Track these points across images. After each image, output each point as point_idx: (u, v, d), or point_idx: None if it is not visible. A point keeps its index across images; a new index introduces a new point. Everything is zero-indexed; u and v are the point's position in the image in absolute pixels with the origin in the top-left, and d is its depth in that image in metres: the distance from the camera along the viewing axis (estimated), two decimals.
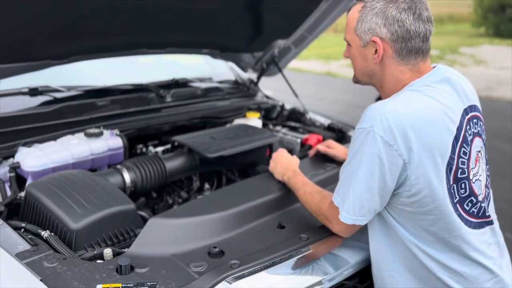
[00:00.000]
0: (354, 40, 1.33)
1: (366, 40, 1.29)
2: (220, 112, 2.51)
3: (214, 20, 2.24)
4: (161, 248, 1.32)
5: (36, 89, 2.09)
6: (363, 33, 1.29)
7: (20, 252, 1.22)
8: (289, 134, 2.51)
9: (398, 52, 1.28)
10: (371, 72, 1.34)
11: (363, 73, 1.37)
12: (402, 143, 1.18)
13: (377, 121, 1.19)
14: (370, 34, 1.28)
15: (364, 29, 1.28)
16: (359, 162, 1.22)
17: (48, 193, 1.46)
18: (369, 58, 1.32)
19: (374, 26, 1.26)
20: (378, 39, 1.27)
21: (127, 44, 2.20)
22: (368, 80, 1.38)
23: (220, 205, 1.49)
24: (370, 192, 1.22)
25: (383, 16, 1.25)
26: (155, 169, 1.86)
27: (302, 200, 1.51)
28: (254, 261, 1.26)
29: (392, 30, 1.25)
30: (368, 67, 1.33)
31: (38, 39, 1.80)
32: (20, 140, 1.82)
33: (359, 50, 1.33)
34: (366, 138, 1.20)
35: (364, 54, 1.32)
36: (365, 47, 1.31)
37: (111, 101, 2.21)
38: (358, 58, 1.34)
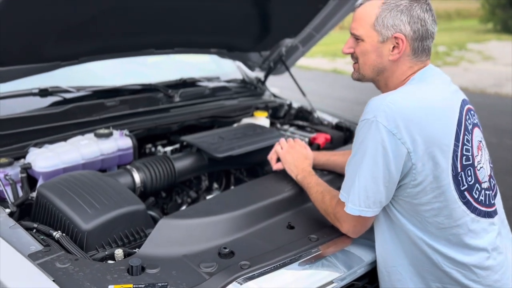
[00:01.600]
0: (370, 36, 1.31)
1: (387, 36, 1.29)
2: (228, 111, 2.51)
3: (222, 19, 2.24)
4: (172, 248, 1.32)
5: (46, 89, 2.11)
6: (384, 29, 1.29)
7: (33, 253, 1.23)
8: (297, 133, 2.50)
9: (414, 50, 1.30)
10: (382, 68, 1.34)
11: (373, 69, 1.36)
12: (405, 132, 1.19)
13: (380, 111, 1.21)
14: (393, 30, 1.28)
15: (387, 25, 1.28)
16: (363, 153, 1.23)
17: (59, 194, 1.47)
18: (384, 55, 1.31)
19: (398, 23, 1.27)
20: (403, 36, 1.28)
21: (135, 45, 2.20)
22: (374, 76, 1.37)
23: (230, 205, 1.50)
24: (375, 182, 1.23)
25: (409, 14, 1.27)
26: (164, 169, 1.87)
27: (313, 199, 1.52)
28: (264, 262, 1.26)
29: (415, 29, 1.28)
30: (382, 63, 1.33)
31: (48, 40, 1.81)
32: (31, 141, 1.84)
33: (375, 45, 1.32)
34: (370, 129, 1.22)
35: (380, 50, 1.31)
36: (383, 43, 1.30)
37: (120, 101, 2.22)
38: (372, 54, 1.33)
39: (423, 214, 1.27)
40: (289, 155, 1.73)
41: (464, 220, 1.27)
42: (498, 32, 16.75)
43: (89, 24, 1.83)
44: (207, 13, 2.14)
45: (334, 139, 2.44)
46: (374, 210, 1.28)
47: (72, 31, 1.84)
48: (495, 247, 1.32)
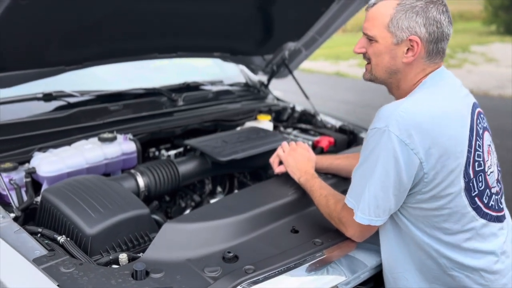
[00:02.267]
0: (384, 37, 1.27)
1: (402, 38, 1.25)
2: (231, 115, 2.51)
3: (225, 23, 2.25)
4: (176, 253, 1.32)
5: (50, 94, 2.12)
6: (398, 31, 1.25)
7: (37, 258, 1.23)
8: (300, 136, 2.50)
9: (429, 52, 1.27)
10: (395, 70, 1.31)
11: (386, 71, 1.32)
12: (418, 142, 1.18)
13: (392, 120, 1.19)
14: (408, 32, 1.24)
15: (402, 27, 1.24)
16: (374, 162, 1.21)
17: (64, 199, 1.48)
18: (398, 57, 1.28)
19: (413, 25, 1.23)
20: (418, 38, 1.24)
21: (139, 49, 2.21)
22: (387, 78, 1.34)
23: (234, 209, 1.50)
24: (385, 191, 1.22)
25: (424, 16, 1.23)
26: (168, 173, 1.87)
27: (317, 202, 1.50)
28: (268, 266, 1.26)
29: (430, 31, 1.24)
30: (395, 65, 1.30)
31: (51, 45, 1.83)
32: (35, 145, 1.85)
33: (389, 47, 1.28)
34: (381, 138, 1.20)
35: (394, 52, 1.28)
36: (398, 45, 1.27)
37: (124, 106, 2.23)
38: (385, 55, 1.29)
39: (431, 220, 1.26)
40: (291, 158, 1.70)
41: (473, 225, 1.26)
42: (501, 34, 16.70)
43: (92, 28, 1.84)
44: (210, 17, 2.15)
45: (338, 142, 2.44)
46: (383, 219, 1.28)
47: (76, 36, 1.85)
48: (504, 251, 1.31)
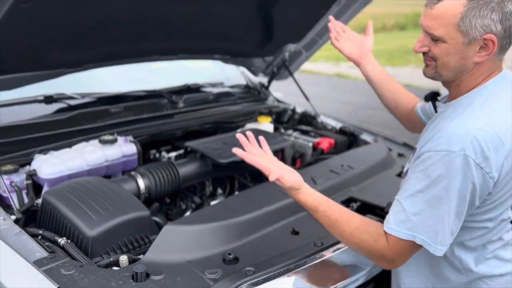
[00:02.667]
0: (453, 37, 1.14)
1: (474, 37, 1.12)
2: (232, 117, 2.52)
3: (226, 26, 2.25)
4: (176, 255, 1.33)
5: (51, 96, 2.13)
6: (471, 30, 1.12)
7: (38, 260, 1.24)
8: (301, 138, 2.50)
9: (501, 48, 1.15)
10: (463, 70, 1.19)
11: (454, 71, 1.20)
12: (493, 163, 1.11)
13: (467, 143, 1.09)
14: (482, 31, 1.12)
15: (475, 26, 1.11)
16: (448, 189, 1.11)
17: (64, 201, 1.48)
18: (469, 56, 1.16)
19: (489, 23, 1.11)
20: (494, 36, 1.12)
21: (139, 51, 2.22)
22: (452, 77, 1.22)
23: (234, 211, 1.50)
24: (460, 218, 1.15)
25: (501, 12, 1.10)
26: (169, 175, 1.87)
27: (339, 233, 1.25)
28: (268, 268, 1.26)
29: (506, 27, 1.12)
30: (465, 65, 1.18)
31: (52, 47, 1.83)
32: (36, 148, 1.85)
33: (459, 48, 1.15)
34: (455, 162, 1.09)
35: (464, 52, 1.15)
36: (470, 45, 1.14)
37: (125, 108, 2.23)
38: (454, 56, 1.17)
39: (472, 231, 1.22)
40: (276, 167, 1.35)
41: (506, 236, 1.24)
42: None
43: (93, 31, 1.85)
44: (210, 19, 2.15)
45: (338, 144, 2.44)
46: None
47: (76, 38, 1.85)
48: None
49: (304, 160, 2.38)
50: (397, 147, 2.38)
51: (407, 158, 2.25)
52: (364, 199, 1.70)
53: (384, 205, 1.61)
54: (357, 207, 1.69)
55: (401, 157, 2.24)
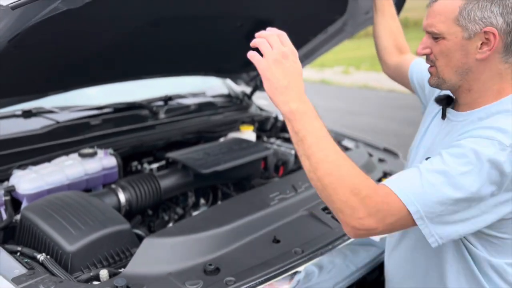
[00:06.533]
0: (453, 32, 1.11)
1: (474, 31, 1.09)
2: (214, 126, 2.52)
3: (212, 48, 2.25)
4: (157, 267, 1.32)
5: (29, 111, 2.10)
6: (471, 23, 1.09)
7: (17, 277, 1.22)
8: (283, 146, 2.52)
9: (506, 46, 1.10)
10: (467, 70, 1.14)
11: (457, 71, 1.15)
12: None
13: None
14: (482, 24, 1.08)
15: (474, 18, 1.08)
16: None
17: (43, 216, 1.47)
18: (471, 53, 1.11)
19: (489, 15, 1.07)
20: (495, 29, 1.07)
21: (124, 74, 2.23)
22: (458, 80, 1.16)
23: (215, 221, 1.50)
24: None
25: (502, 4, 1.07)
26: (149, 188, 1.87)
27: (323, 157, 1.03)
28: (249, 277, 1.27)
29: (508, 20, 1.07)
30: (467, 63, 1.13)
31: (41, 77, 1.84)
32: (14, 163, 1.83)
33: (459, 43, 1.11)
34: (501, 154, 1.02)
35: (466, 47, 1.11)
36: (470, 40, 1.10)
37: (105, 120, 2.22)
38: (455, 53, 1.13)
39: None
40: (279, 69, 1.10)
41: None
42: None
43: (82, 62, 1.85)
44: (197, 42, 2.15)
45: None
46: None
47: (65, 69, 1.86)
48: None
49: (287, 168, 2.39)
50: (377, 153, 2.41)
51: (387, 163, 2.29)
52: None
53: None
54: None
55: (381, 162, 2.28)
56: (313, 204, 1.70)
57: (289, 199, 1.70)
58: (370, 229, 1.03)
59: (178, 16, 1.81)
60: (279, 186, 1.80)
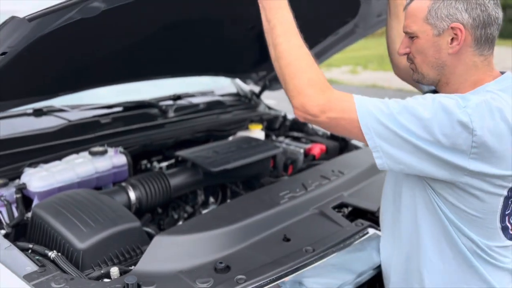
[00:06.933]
0: (424, 31, 1.20)
1: (443, 27, 1.17)
2: (223, 125, 2.52)
3: (222, 48, 2.26)
4: (167, 265, 1.32)
5: (40, 110, 2.12)
6: (438, 21, 1.18)
7: (28, 274, 1.23)
8: (292, 145, 2.51)
9: (477, 39, 1.17)
10: (442, 64, 1.22)
11: (433, 66, 1.23)
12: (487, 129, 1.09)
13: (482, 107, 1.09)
14: (449, 20, 1.16)
15: (441, 16, 1.17)
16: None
17: (54, 214, 1.47)
18: (443, 48, 1.19)
19: (453, 12, 1.15)
20: (460, 25, 1.16)
21: (135, 75, 2.24)
22: (435, 75, 1.24)
23: (225, 219, 1.50)
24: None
25: (465, 0, 1.15)
26: (159, 186, 1.87)
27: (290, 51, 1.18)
28: (260, 276, 1.26)
29: (474, 15, 1.15)
30: (440, 58, 1.21)
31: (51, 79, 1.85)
32: (26, 161, 1.84)
33: (430, 40, 1.20)
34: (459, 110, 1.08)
35: (437, 44, 1.20)
36: (440, 36, 1.19)
37: (115, 119, 2.23)
38: (429, 50, 1.21)
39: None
40: None
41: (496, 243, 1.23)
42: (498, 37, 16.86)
43: (93, 65, 1.86)
44: (208, 45, 2.15)
45: (330, 149, 2.45)
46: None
47: (77, 71, 1.87)
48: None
49: (296, 167, 2.38)
50: None
51: None
52: (355, 204, 1.71)
53: (375, 210, 1.61)
54: (349, 212, 1.69)
55: None
56: (323, 202, 1.69)
57: (299, 197, 1.69)
58: (313, 115, 1.16)
59: (190, 19, 1.81)
60: (289, 185, 1.80)
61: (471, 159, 1.11)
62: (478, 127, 1.08)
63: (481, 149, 1.10)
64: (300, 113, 1.18)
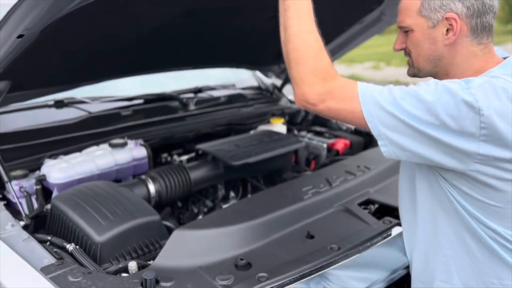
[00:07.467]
0: (418, 24, 1.18)
1: (437, 19, 1.16)
2: (244, 118, 2.48)
3: (243, 39, 2.21)
4: (187, 260, 1.28)
5: (61, 101, 2.11)
6: (432, 12, 1.16)
7: (45, 267, 1.20)
8: (315, 139, 2.45)
9: (473, 29, 1.15)
10: (438, 56, 1.19)
11: (429, 60, 1.21)
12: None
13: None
14: (443, 11, 1.15)
15: (434, 7, 1.15)
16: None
17: (73, 206, 1.45)
18: (438, 40, 1.17)
19: (447, 2, 1.14)
20: (455, 15, 1.14)
21: (156, 65, 2.21)
22: (432, 67, 1.22)
23: (247, 214, 1.45)
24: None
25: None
26: (179, 179, 1.84)
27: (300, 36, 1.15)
28: (283, 274, 1.20)
29: (468, 4, 1.13)
30: (437, 50, 1.19)
31: (73, 67, 1.83)
32: (46, 153, 1.83)
33: (426, 33, 1.18)
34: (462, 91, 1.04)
35: (432, 36, 1.18)
36: (434, 28, 1.17)
37: (135, 111, 2.21)
38: (424, 43, 1.19)
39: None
40: None
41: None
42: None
43: (113, 54, 1.84)
44: (228, 34, 2.11)
45: (354, 145, 2.38)
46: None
47: (97, 61, 1.85)
48: None
49: (319, 162, 2.32)
50: None
51: None
52: (382, 201, 1.63)
53: None
54: (375, 209, 1.62)
55: None
56: (348, 199, 1.63)
57: (323, 193, 1.63)
58: (312, 103, 1.13)
59: (211, 6, 1.77)
60: (312, 180, 1.73)
61: (481, 142, 1.05)
62: (485, 107, 1.03)
63: (490, 131, 1.04)
64: (299, 101, 1.17)
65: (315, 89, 1.13)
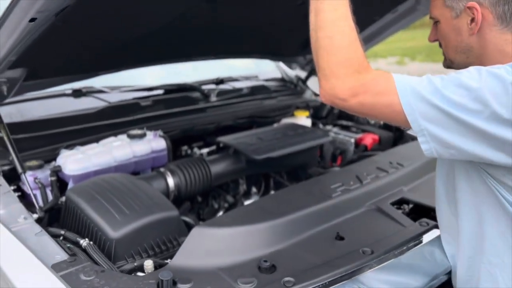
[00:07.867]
0: (443, 14, 1.14)
1: (459, 8, 1.11)
2: (267, 111, 2.39)
3: (268, 28, 2.12)
4: (206, 260, 1.19)
5: (79, 90, 2.07)
6: (455, 2, 1.11)
7: (57, 263, 1.13)
8: (341, 134, 2.33)
9: (500, 17, 1.08)
10: (467, 47, 1.14)
11: (458, 51, 1.16)
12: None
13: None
14: (465, 0, 1.09)
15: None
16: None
17: (88, 199, 1.38)
18: (463, 30, 1.12)
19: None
20: (475, 3, 1.08)
21: (177, 55, 2.13)
22: (464, 58, 1.16)
23: (271, 212, 1.35)
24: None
25: None
26: (199, 173, 1.75)
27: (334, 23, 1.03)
28: (311, 279, 1.10)
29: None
30: (463, 41, 1.13)
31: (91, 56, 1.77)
32: (62, 143, 1.77)
33: (450, 23, 1.14)
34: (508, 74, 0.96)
35: (457, 26, 1.13)
36: (458, 18, 1.12)
37: (155, 101, 2.15)
38: (450, 34, 1.15)
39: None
40: None
41: None
42: None
43: (133, 42, 1.77)
44: (253, 23, 2.02)
45: (383, 140, 2.26)
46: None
47: (116, 49, 1.78)
48: None
49: (346, 158, 2.21)
50: None
51: None
52: (417, 200, 1.51)
53: None
54: (410, 209, 1.50)
55: None
56: (380, 197, 1.51)
57: (353, 191, 1.51)
58: (343, 99, 1.02)
59: None
60: (341, 176, 1.62)
61: None
62: None
63: None
64: (327, 95, 1.04)
65: (347, 82, 1.01)
